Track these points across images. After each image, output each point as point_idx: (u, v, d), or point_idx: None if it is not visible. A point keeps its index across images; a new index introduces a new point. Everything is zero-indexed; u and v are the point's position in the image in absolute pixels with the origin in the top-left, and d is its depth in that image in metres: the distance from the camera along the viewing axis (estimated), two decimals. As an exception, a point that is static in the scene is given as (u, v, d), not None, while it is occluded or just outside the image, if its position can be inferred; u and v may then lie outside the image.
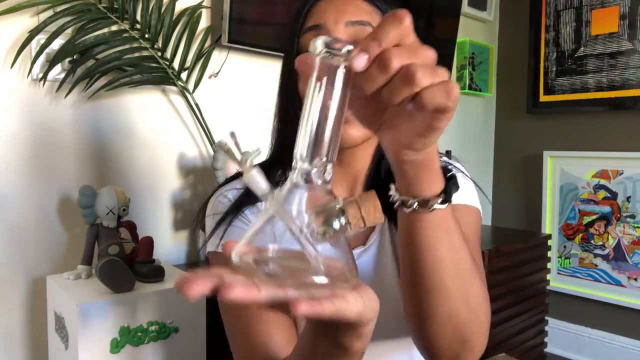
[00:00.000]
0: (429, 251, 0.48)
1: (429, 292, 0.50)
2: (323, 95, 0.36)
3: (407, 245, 0.50)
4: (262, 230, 0.36)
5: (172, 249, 1.51)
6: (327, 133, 0.36)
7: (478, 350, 0.54)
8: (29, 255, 1.25)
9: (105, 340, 1.01)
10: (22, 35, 1.20)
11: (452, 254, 0.49)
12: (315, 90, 0.36)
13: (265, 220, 0.36)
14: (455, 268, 0.50)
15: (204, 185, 1.56)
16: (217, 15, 1.53)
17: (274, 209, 0.35)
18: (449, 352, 0.53)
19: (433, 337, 0.52)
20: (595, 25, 2.23)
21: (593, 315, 2.29)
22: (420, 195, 0.46)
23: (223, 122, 1.58)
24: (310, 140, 0.36)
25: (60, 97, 1.28)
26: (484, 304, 0.53)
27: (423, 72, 0.34)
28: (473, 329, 0.52)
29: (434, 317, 0.51)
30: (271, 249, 0.35)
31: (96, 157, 1.35)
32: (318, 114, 0.36)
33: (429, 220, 0.47)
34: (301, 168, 0.36)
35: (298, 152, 0.36)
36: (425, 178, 0.45)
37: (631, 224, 2.16)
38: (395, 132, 0.41)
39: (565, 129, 2.38)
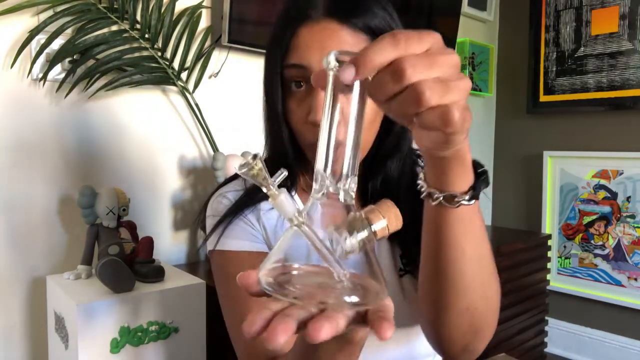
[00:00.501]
0: (453, 245, 0.48)
1: (449, 285, 0.50)
2: (340, 110, 0.35)
3: (432, 237, 0.49)
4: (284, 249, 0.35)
5: (172, 249, 1.51)
6: (348, 147, 0.35)
7: (488, 338, 0.55)
8: (29, 255, 1.25)
9: (105, 340, 1.01)
10: (22, 35, 1.20)
11: (475, 248, 0.49)
12: (332, 105, 0.35)
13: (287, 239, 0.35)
14: (477, 262, 0.50)
15: (204, 185, 1.56)
16: (217, 15, 1.53)
17: (301, 229, 0.35)
18: (462, 342, 0.54)
19: (448, 328, 0.52)
20: (595, 25, 2.23)
21: (593, 315, 2.29)
22: (448, 190, 0.45)
23: (223, 122, 1.58)
24: (331, 155, 0.35)
25: (60, 97, 1.28)
26: (498, 294, 0.54)
27: (431, 92, 0.32)
28: (487, 320, 0.53)
29: (452, 309, 0.51)
30: (296, 267, 0.35)
31: (96, 157, 1.35)
32: (336, 129, 0.35)
33: (455, 214, 0.47)
34: (323, 184, 0.35)
35: (320, 168, 0.35)
36: (455, 174, 0.45)
37: (631, 224, 2.16)
38: (421, 134, 0.40)
39: (565, 129, 2.37)
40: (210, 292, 1.18)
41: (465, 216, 0.47)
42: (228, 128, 1.59)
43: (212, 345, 1.18)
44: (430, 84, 0.32)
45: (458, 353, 0.56)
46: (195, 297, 1.14)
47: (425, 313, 0.55)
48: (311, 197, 0.36)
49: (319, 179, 0.35)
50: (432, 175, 0.46)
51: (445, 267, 0.49)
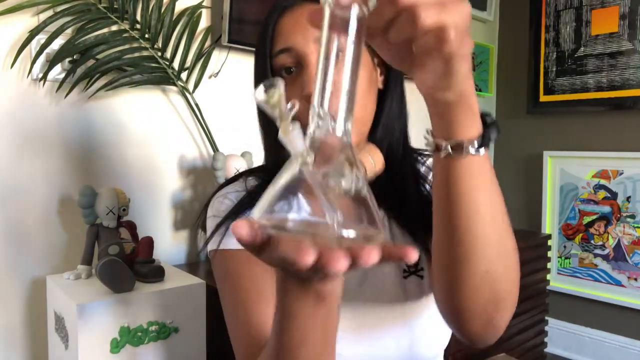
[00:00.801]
0: (465, 200, 0.46)
1: (465, 246, 0.47)
2: (337, 44, 0.34)
3: (443, 194, 0.47)
4: (278, 199, 0.34)
5: (172, 249, 1.51)
6: (345, 85, 0.34)
7: (511, 310, 0.52)
8: (29, 255, 1.25)
9: (105, 340, 1.01)
10: (22, 35, 1.20)
11: (488, 204, 0.47)
12: (328, 40, 0.35)
13: (281, 187, 0.34)
14: (492, 219, 0.48)
15: (204, 185, 1.56)
16: (217, 15, 1.53)
17: (307, 168, 0.33)
18: (484, 315, 0.51)
19: (468, 298, 0.49)
20: (595, 25, 2.23)
21: (593, 315, 2.29)
22: (456, 139, 0.44)
23: (223, 122, 1.58)
24: (328, 91, 0.34)
25: (60, 97, 1.28)
26: (517, 255, 0.51)
27: (426, 12, 0.33)
28: (509, 286, 0.50)
29: (470, 274, 0.48)
30: (290, 218, 0.33)
31: (96, 157, 1.35)
32: (333, 64, 0.34)
33: (464, 166, 0.45)
34: (319, 121, 0.34)
35: (316, 104, 0.35)
36: (461, 120, 0.43)
37: (631, 224, 2.16)
38: (423, 71, 0.40)
39: (565, 129, 2.37)
40: (210, 292, 1.18)
41: (476, 168, 0.45)
42: (228, 128, 1.59)
43: (212, 345, 1.18)
44: (426, 5, 0.33)
45: (480, 329, 0.52)
46: (195, 297, 1.14)
47: (441, 286, 0.52)
48: (307, 135, 0.35)
49: (314, 117, 0.35)
50: (438, 126, 0.44)
51: (458, 225, 0.47)
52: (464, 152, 0.44)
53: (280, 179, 0.34)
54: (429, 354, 0.68)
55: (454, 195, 0.46)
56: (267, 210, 0.33)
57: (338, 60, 0.35)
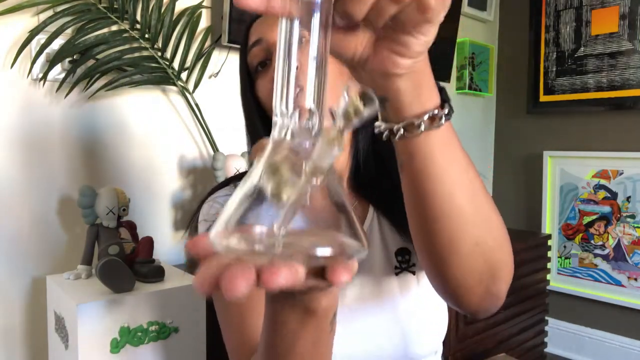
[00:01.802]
0: (442, 174, 0.43)
1: (450, 221, 0.45)
2: (298, 31, 0.29)
3: (417, 176, 0.44)
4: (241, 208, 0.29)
5: (172, 249, 1.51)
6: (311, 75, 0.29)
7: (508, 280, 0.50)
8: (29, 255, 1.25)
9: (105, 340, 1.01)
10: (22, 35, 1.20)
11: (464, 175, 0.45)
12: (288, 27, 0.29)
13: (242, 197, 0.30)
14: (471, 190, 0.45)
15: (204, 185, 1.56)
16: (217, 15, 1.52)
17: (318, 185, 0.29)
18: (481, 287, 0.49)
19: (462, 272, 0.47)
20: (595, 25, 2.23)
21: (593, 315, 2.29)
22: (426, 110, 0.40)
23: (223, 122, 1.58)
24: (290, 87, 0.29)
25: (60, 97, 1.28)
26: (506, 232, 0.49)
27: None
28: (502, 256, 0.48)
29: (460, 248, 0.46)
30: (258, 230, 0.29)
31: (96, 157, 1.35)
32: (295, 54, 0.29)
33: (436, 138, 0.42)
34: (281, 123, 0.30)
35: (276, 104, 0.30)
36: (426, 90, 0.40)
37: (631, 224, 2.16)
38: (380, 50, 0.37)
39: (565, 129, 2.37)
40: (210, 292, 1.18)
41: (447, 138, 0.43)
42: (228, 128, 1.59)
43: (212, 345, 1.18)
44: None
45: (479, 300, 0.50)
46: (195, 297, 1.14)
47: (432, 269, 0.50)
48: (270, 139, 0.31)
49: (277, 117, 0.30)
50: (403, 105, 0.40)
51: (441, 203, 0.44)
52: (439, 120, 0.41)
53: (242, 188, 0.30)
54: (424, 351, 0.67)
55: (429, 172, 0.43)
56: (227, 223, 0.29)
57: (300, 48, 0.29)
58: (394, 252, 0.68)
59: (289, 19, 0.30)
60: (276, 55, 0.31)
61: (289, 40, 0.30)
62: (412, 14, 0.33)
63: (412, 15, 0.33)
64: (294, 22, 0.30)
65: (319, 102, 0.30)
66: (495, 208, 0.48)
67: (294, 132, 0.30)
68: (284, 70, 0.30)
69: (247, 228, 0.29)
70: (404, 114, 0.41)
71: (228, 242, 0.28)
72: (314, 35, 0.30)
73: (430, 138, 0.42)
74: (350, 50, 0.37)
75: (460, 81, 2.37)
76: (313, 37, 0.30)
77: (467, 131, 2.46)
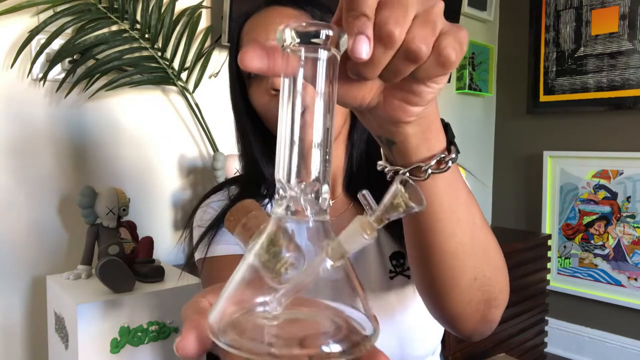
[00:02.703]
0: (445, 215, 0.43)
1: (451, 258, 0.45)
2: (301, 98, 0.27)
3: (420, 216, 0.44)
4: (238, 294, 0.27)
5: (172, 249, 1.51)
6: (316, 145, 0.27)
7: (503, 305, 0.51)
8: (29, 255, 1.25)
9: (105, 340, 1.01)
10: (22, 35, 1.20)
11: (467, 212, 0.45)
12: (291, 93, 0.28)
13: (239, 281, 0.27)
14: (472, 225, 0.45)
15: (204, 185, 1.56)
16: (217, 15, 1.52)
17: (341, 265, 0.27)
18: (477, 315, 0.49)
19: (460, 304, 0.48)
20: (595, 25, 2.23)
21: (593, 315, 2.29)
22: (434, 154, 0.40)
23: (223, 122, 1.58)
24: (294, 158, 0.27)
25: (60, 97, 1.28)
26: (502, 258, 0.50)
27: (427, 46, 0.29)
28: (498, 285, 0.49)
29: (459, 282, 0.46)
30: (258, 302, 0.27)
31: (96, 157, 1.35)
32: (299, 121, 0.27)
33: (441, 180, 0.42)
34: (287, 196, 0.27)
35: (280, 175, 0.27)
36: (434, 133, 0.40)
37: (631, 224, 2.16)
38: (391, 98, 0.36)
39: (565, 129, 2.38)
40: (210, 292, 1.18)
41: (453, 177, 0.42)
42: (228, 128, 1.59)
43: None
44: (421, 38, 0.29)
45: (475, 326, 0.51)
46: (195, 297, 1.14)
47: (429, 300, 0.51)
48: (272, 214, 0.28)
49: (280, 190, 0.28)
50: (397, 154, 0.40)
51: (443, 239, 0.44)
52: (446, 164, 0.41)
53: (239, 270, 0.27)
54: (422, 352, 0.68)
55: (435, 211, 0.43)
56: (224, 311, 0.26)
57: (305, 115, 0.27)
58: (389, 256, 0.68)
59: (292, 79, 0.28)
60: (279, 122, 0.28)
61: (293, 104, 0.28)
62: (431, 68, 0.31)
63: (430, 70, 0.32)
64: (297, 80, 0.28)
65: (325, 171, 0.28)
66: (492, 234, 0.48)
67: (302, 205, 0.27)
68: (285, 140, 0.28)
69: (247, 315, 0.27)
70: (411, 158, 0.40)
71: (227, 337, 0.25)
72: (320, 96, 0.28)
73: (436, 181, 0.41)
74: (358, 100, 0.36)
75: (460, 81, 2.37)
76: (319, 98, 0.28)
77: (467, 131, 2.46)
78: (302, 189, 0.27)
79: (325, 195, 0.28)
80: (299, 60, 0.28)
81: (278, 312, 0.26)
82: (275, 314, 0.26)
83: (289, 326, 0.26)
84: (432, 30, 0.30)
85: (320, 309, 0.28)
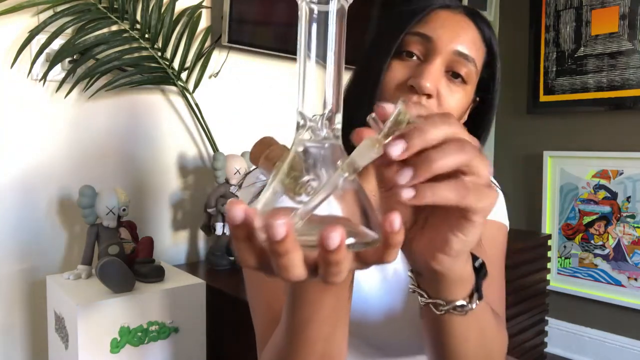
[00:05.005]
0: (459, 340, 0.47)
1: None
2: (316, 43, 0.32)
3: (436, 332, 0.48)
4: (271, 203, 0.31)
5: (172, 249, 1.51)
6: (329, 80, 0.32)
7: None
8: (29, 255, 1.25)
9: (105, 340, 1.01)
10: (22, 35, 1.20)
11: (481, 336, 0.48)
12: (307, 38, 0.33)
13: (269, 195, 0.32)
14: (482, 347, 0.49)
15: (204, 185, 1.56)
16: (217, 15, 1.52)
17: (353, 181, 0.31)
18: None
19: None
20: (595, 25, 2.23)
21: (593, 315, 2.29)
22: (454, 300, 0.43)
23: (223, 122, 1.58)
24: (311, 91, 0.33)
25: (60, 97, 1.28)
26: (506, 340, 0.54)
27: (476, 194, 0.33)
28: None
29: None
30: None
31: (96, 157, 1.35)
32: (315, 63, 0.32)
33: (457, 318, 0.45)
34: (306, 125, 0.32)
35: (300, 107, 0.33)
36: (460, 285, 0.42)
37: (631, 224, 2.16)
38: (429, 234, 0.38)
39: (565, 129, 2.37)
40: (210, 292, 1.18)
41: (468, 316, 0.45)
42: (228, 128, 1.59)
43: (212, 345, 1.18)
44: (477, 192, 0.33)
45: None
46: (195, 297, 1.14)
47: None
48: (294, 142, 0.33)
49: (301, 119, 0.33)
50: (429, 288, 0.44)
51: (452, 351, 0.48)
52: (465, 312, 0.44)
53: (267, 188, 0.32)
54: None
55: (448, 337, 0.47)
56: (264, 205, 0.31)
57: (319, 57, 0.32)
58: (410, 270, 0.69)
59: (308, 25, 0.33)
60: (298, 61, 0.33)
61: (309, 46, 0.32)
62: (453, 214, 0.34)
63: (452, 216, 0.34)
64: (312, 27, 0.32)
65: (338, 102, 0.33)
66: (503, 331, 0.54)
67: (318, 132, 0.32)
68: (304, 76, 0.32)
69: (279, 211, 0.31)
70: (433, 295, 0.43)
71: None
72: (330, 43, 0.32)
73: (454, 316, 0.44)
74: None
75: (460, 81, 2.37)
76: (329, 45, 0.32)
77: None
78: (319, 118, 0.32)
79: (339, 124, 0.33)
80: (313, 10, 0.32)
81: (299, 226, 0.30)
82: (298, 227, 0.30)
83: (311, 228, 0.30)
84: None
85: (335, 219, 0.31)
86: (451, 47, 0.60)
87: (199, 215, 1.51)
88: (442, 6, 0.63)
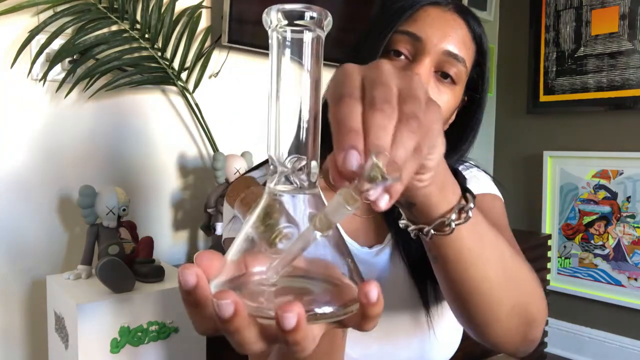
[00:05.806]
0: (475, 260, 0.45)
1: (486, 297, 0.46)
2: (290, 78, 0.30)
3: (451, 266, 0.45)
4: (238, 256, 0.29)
5: (172, 249, 1.51)
6: (304, 123, 0.29)
7: (542, 322, 0.52)
8: (29, 255, 1.25)
9: (105, 340, 1.01)
10: (22, 35, 1.20)
11: (496, 251, 0.46)
12: (279, 73, 0.30)
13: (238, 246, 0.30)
14: (502, 261, 0.47)
15: (204, 185, 1.56)
16: (217, 15, 1.52)
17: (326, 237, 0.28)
18: (518, 337, 0.51)
19: (501, 333, 0.49)
20: (595, 25, 2.23)
21: (593, 315, 2.29)
22: (452, 206, 0.41)
23: (223, 122, 1.58)
24: (283, 135, 0.29)
25: (60, 97, 1.28)
26: (535, 277, 0.51)
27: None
28: (536, 306, 0.50)
29: (498, 316, 0.48)
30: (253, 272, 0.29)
31: (96, 157, 1.35)
32: (287, 100, 0.30)
33: (466, 229, 0.43)
34: (278, 171, 0.29)
35: (271, 151, 0.30)
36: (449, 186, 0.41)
37: (631, 224, 2.16)
38: None
39: (565, 129, 2.37)
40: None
41: (478, 223, 0.44)
42: (228, 128, 1.59)
43: (212, 345, 1.18)
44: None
45: (518, 346, 0.52)
46: (195, 297, 1.14)
47: (473, 332, 0.52)
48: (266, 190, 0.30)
49: (273, 166, 0.30)
50: (418, 213, 0.42)
51: (470, 289, 0.46)
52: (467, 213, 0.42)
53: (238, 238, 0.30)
54: (441, 356, 0.68)
55: (465, 262, 0.44)
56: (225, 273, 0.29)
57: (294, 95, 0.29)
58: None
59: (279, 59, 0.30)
60: (268, 100, 0.30)
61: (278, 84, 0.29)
62: None
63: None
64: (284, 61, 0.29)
65: (314, 148, 0.30)
66: (521, 258, 0.50)
67: (294, 182, 0.30)
68: (275, 118, 0.29)
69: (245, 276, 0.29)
70: (433, 215, 0.42)
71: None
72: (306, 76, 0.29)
73: (461, 231, 0.42)
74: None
75: (460, 81, 2.37)
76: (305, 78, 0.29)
77: (467, 131, 2.46)
78: (292, 165, 0.29)
79: (315, 170, 0.30)
80: (286, 41, 0.29)
81: (275, 280, 0.28)
82: (272, 282, 0.28)
83: (284, 292, 0.28)
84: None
85: (312, 276, 0.29)
86: (440, 47, 0.59)
87: (199, 215, 1.51)
88: (432, 3, 0.61)
